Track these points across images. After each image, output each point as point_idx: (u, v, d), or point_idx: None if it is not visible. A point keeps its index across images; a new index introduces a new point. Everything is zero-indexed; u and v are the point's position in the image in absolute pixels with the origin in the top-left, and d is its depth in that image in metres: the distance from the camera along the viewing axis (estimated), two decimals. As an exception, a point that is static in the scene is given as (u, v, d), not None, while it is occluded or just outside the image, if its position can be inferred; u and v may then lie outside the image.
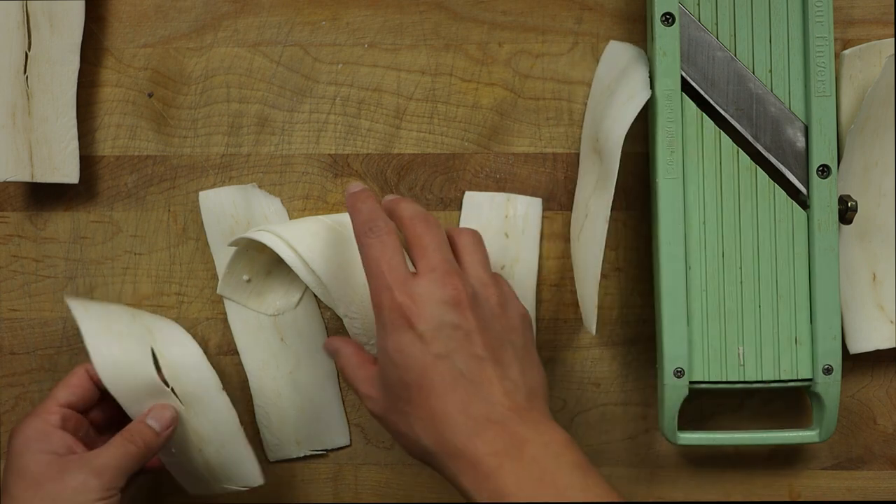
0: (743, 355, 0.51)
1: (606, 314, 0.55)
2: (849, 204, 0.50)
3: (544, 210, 0.55)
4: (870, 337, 0.53)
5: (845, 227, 0.52)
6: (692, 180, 0.51)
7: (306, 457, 0.56)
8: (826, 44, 0.50)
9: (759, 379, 0.51)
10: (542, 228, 0.55)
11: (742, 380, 0.51)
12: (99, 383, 0.49)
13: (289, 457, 0.56)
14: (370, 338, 0.50)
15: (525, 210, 0.54)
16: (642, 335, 0.55)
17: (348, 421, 0.56)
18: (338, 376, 0.56)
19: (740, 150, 0.51)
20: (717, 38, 0.51)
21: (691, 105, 0.51)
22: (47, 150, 0.53)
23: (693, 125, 0.51)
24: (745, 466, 0.55)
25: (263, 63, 0.55)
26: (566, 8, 0.55)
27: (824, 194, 0.50)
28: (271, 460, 0.56)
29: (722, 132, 0.51)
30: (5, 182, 0.55)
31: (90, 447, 0.48)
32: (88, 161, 0.56)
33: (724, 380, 0.51)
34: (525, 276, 0.54)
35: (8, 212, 0.57)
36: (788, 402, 0.55)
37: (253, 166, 0.56)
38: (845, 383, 0.54)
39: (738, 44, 0.51)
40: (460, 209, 0.55)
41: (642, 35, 0.54)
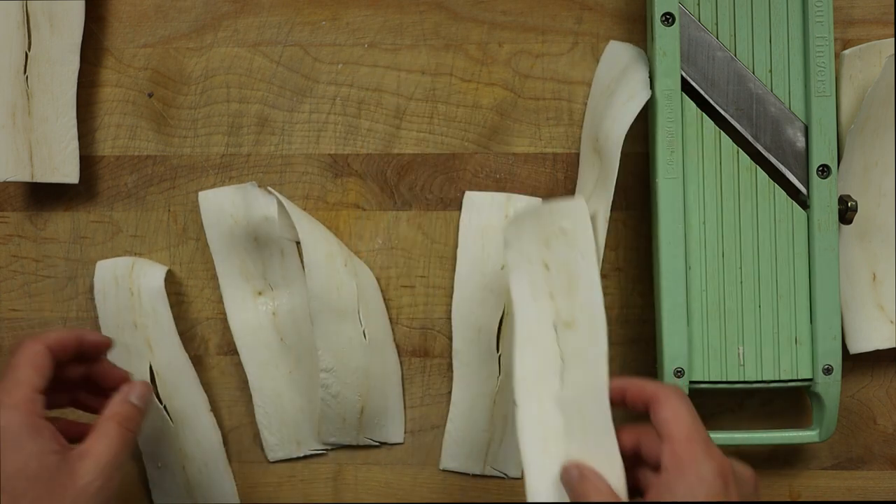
0: (743, 355, 0.51)
1: (606, 314, 0.55)
2: (849, 204, 0.50)
3: (544, 210, 0.55)
4: (870, 337, 0.53)
5: (845, 227, 0.52)
6: (692, 180, 0.51)
7: (306, 457, 0.56)
8: (826, 44, 0.50)
9: (759, 379, 0.51)
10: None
11: (742, 380, 0.51)
12: (55, 355, 0.45)
13: (289, 457, 0.56)
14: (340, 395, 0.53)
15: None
16: (642, 335, 0.55)
17: (348, 421, 0.56)
18: (338, 376, 0.56)
19: (740, 150, 0.51)
20: (717, 38, 0.51)
21: (691, 105, 0.51)
22: (47, 150, 0.53)
23: (693, 125, 0.51)
24: (745, 466, 0.55)
25: (263, 63, 0.55)
26: (566, 8, 0.55)
27: (824, 194, 0.50)
28: (271, 460, 0.56)
29: (722, 132, 0.51)
30: (5, 182, 0.55)
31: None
32: (88, 161, 0.56)
33: (724, 380, 0.51)
34: None
35: (8, 212, 0.57)
36: (788, 402, 0.55)
37: (253, 166, 0.56)
38: (845, 383, 0.54)
39: (738, 44, 0.51)
40: (460, 209, 0.55)
41: (642, 35, 0.54)
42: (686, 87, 0.51)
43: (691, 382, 0.51)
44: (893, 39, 0.53)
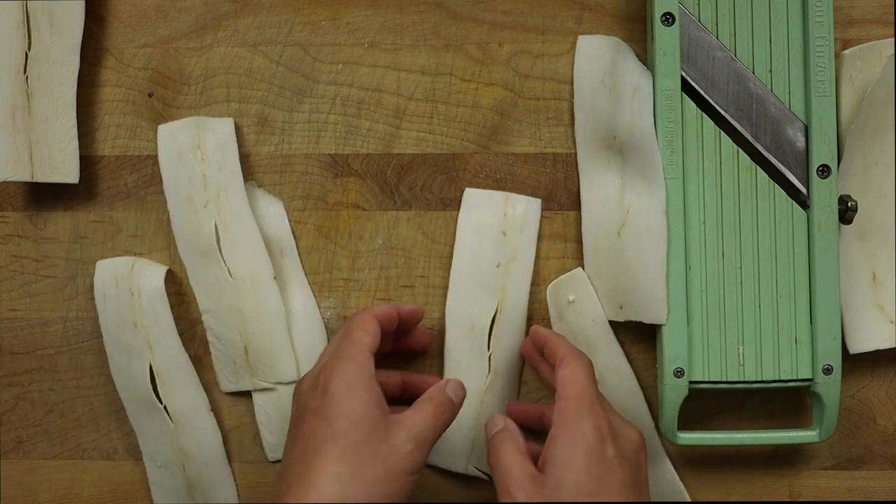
0: (743, 355, 0.51)
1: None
2: (849, 204, 0.50)
3: (544, 210, 0.55)
4: (870, 337, 0.53)
5: (845, 227, 0.52)
6: (692, 180, 0.51)
7: (306, 457, 0.56)
8: (826, 44, 0.50)
9: (759, 379, 0.51)
10: (541, 229, 0.55)
11: (742, 380, 0.51)
12: (381, 324, 0.48)
13: (289, 457, 0.56)
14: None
15: (524, 210, 0.54)
16: (642, 335, 0.55)
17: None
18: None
19: (740, 150, 0.51)
20: (717, 38, 0.51)
21: (691, 105, 0.51)
22: (47, 150, 0.53)
23: (693, 125, 0.51)
24: (745, 466, 0.55)
25: (263, 63, 0.55)
26: (566, 8, 0.55)
27: (824, 194, 0.50)
28: (271, 460, 0.56)
29: (722, 132, 0.51)
30: (5, 182, 0.55)
31: None
32: (88, 161, 0.56)
33: (724, 380, 0.51)
34: (521, 275, 0.54)
35: (8, 212, 0.57)
36: (788, 402, 0.55)
37: (253, 166, 0.56)
38: (845, 383, 0.54)
39: (738, 44, 0.51)
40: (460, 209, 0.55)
41: (642, 35, 0.54)
42: (686, 87, 0.51)
43: (691, 382, 0.51)
44: (893, 39, 0.53)
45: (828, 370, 0.50)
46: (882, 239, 0.53)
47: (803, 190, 0.51)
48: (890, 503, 0.55)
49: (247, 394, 0.56)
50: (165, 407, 0.54)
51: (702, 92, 0.51)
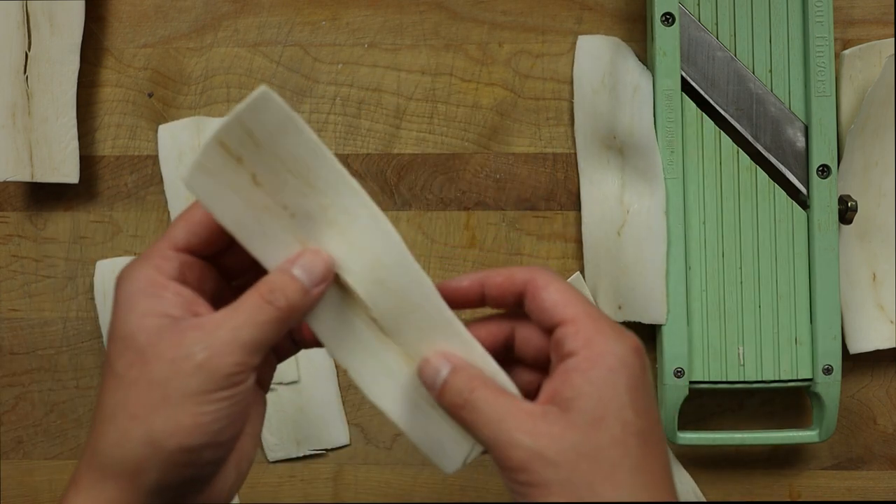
0: (743, 355, 0.51)
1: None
2: (849, 204, 0.50)
3: (543, 210, 0.55)
4: (870, 337, 0.53)
5: (845, 227, 0.52)
6: (692, 180, 0.51)
7: (306, 457, 0.56)
8: (826, 44, 0.50)
9: (759, 379, 0.51)
10: (542, 229, 0.55)
11: (742, 380, 0.51)
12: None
13: (289, 457, 0.56)
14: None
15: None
16: (642, 335, 0.55)
17: (348, 421, 0.56)
18: (337, 376, 0.56)
19: (740, 150, 0.51)
20: (717, 38, 0.51)
21: (691, 105, 0.51)
22: (47, 150, 0.53)
23: (693, 125, 0.51)
24: (745, 466, 0.55)
25: (263, 63, 0.55)
26: (566, 8, 0.55)
27: (824, 194, 0.50)
28: (271, 460, 0.56)
29: (722, 132, 0.51)
30: (5, 182, 0.55)
31: (220, 306, 0.34)
32: (88, 161, 0.56)
33: (724, 380, 0.51)
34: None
35: (8, 212, 0.57)
36: (788, 402, 0.55)
37: (253, 166, 0.56)
38: (845, 383, 0.54)
39: (738, 44, 0.51)
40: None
41: (642, 35, 0.54)
42: (686, 87, 0.51)
43: (691, 382, 0.51)
44: (893, 39, 0.53)
45: (828, 370, 0.50)
46: (882, 239, 0.53)
47: (803, 190, 0.51)
48: (890, 503, 0.55)
49: (247, 394, 0.56)
50: None
51: (702, 92, 0.51)
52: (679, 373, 0.50)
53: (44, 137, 0.53)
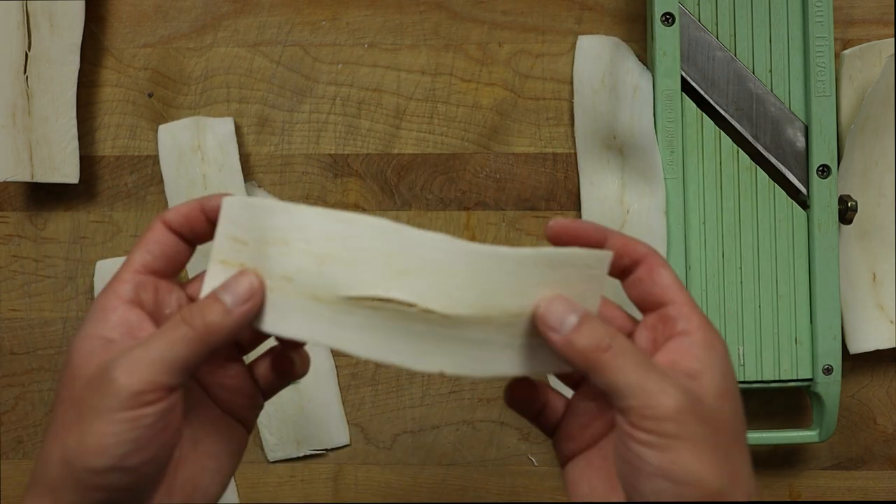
0: (743, 355, 0.51)
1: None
2: (849, 204, 0.50)
3: (543, 210, 0.55)
4: (870, 337, 0.53)
5: (845, 227, 0.52)
6: (692, 180, 0.51)
7: (306, 457, 0.56)
8: (826, 44, 0.50)
9: (759, 379, 0.51)
10: (542, 229, 0.55)
11: (742, 380, 0.51)
12: (192, 230, 0.35)
13: (289, 457, 0.56)
14: None
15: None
16: (642, 335, 0.55)
17: (348, 421, 0.56)
18: (337, 376, 0.56)
19: (740, 150, 0.51)
20: (717, 38, 0.51)
21: (691, 105, 0.51)
22: (47, 150, 0.53)
23: (693, 125, 0.51)
24: (745, 466, 0.55)
25: (263, 63, 0.55)
26: (566, 8, 0.55)
27: (824, 194, 0.50)
28: (271, 460, 0.56)
29: (722, 132, 0.51)
30: (5, 182, 0.55)
31: None
32: (88, 161, 0.56)
33: (724, 380, 0.51)
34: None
35: (8, 212, 0.57)
36: (788, 402, 0.55)
37: (253, 166, 0.56)
38: (845, 383, 0.54)
39: (738, 44, 0.51)
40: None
41: (642, 35, 0.54)
42: (686, 87, 0.51)
43: (691, 382, 0.51)
44: (893, 39, 0.53)
45: (828, 370, 0.50)
46: (882, 239, 0.53)
47: (803, 190, 0.51)
48: (890, 503, 0.55)
49: (247, 394, 0.56)
50: None
51: (702, 92, 0.51)
52: (679, 373, 0.50)
53: (44, 137, 0.53)
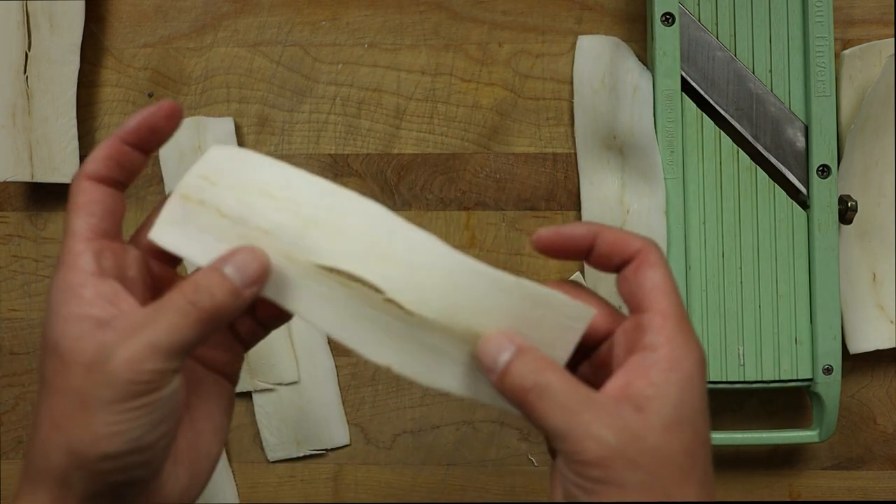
0: (743, 355, 0.51)
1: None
2: (849, 204, 0.50)
3: (543, 210, 0.55)
4: (870, 337, 0.53)
5: (845, 227, 0.52)
6: (692, 180, 0.51)
7: (306, 457, 0.56)
8: (826, 44, 0.50)
9: (759, 379, 0.51)
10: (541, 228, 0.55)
11: (742, 380, 0.51)
12: (120, 167, 0.34)
13: (289, 457, 0.56)
14: None
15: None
16: (642, 335, 0.55)
17: (348, 421, 0.56)
18: (337, 376, 0.56)
19: (740, 150, 0.51)
20: (717, 38, 0.51)
21: (691, 105, 0.51)
22: (47, 150, 0.53)
23: (693, 125, 0.51)
24: (745, 466, 0.55)
25: (263, 63, 0.55)
26: (566, 8, 0.55)
27: (824, 194, 0.50)
28: (271, 460, 0.56)
29: (722, 132, 0.51)
30: (5, 182, 0.55)
31: (159, 283, 0.33)
32: (88, 161, 0.56)
33: (724, 380, 0.51)
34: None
35: (8, 212, 0.57)
36: (788, 402, 0.55)
37: (253, 166, 0.56)
38: (845, 383, 0.54)
39: (738, 44, 0.51)
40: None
41: (642, 35, 0.54)
42: (686, 87, 0.51)
43: (691, 382, 0.51)
44: (893, 39, 0.53)
45: (828, 370, 0.50)
46: (882, 239, 0.53)
47: (803, 190, 0.51)
48: (890, 503, 0.55)
49: (247, 394, 0.56)
50: None
51: (702, 92, 0.51)
52: (679, 373, 0.50)
53: (44, 137, 0.53)
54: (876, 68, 0.52)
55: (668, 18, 0.50)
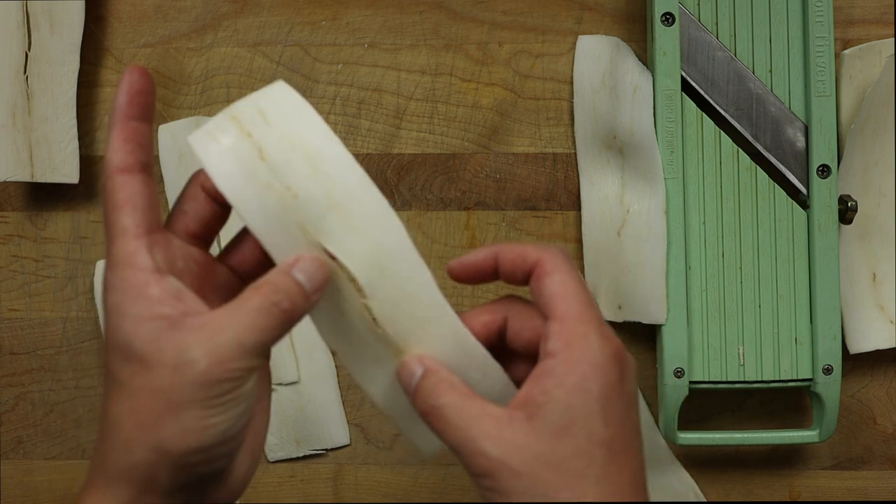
0: (743, 355, 0.51)
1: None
2: (849, 204, 0.50)
3: (543, 210, 0.55)
4: (870, 337, 0.53)
5: (845, 227, 0.52)
6: (692, 180, 0.51)
7: (306, 457, 0.56)
8: (826, 44, 0.50)
9: (759, 379, 0.51)
10: (542, 229, 0.55)
11: (742, 380, 0.51)
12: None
13: (289, 457, 0.56)
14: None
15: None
16: (642, 335, 0.55)
17: (348, 421, 0.56)
18: (337, 376, 0.56)
19: (740, 150, 0.51)
20: (717, 38, 0.51)
21: (691, 105, 0.51)
22: (47, 150, 0.53)
23: (693, 125, 0.51)
24: (745, 466, 0.55)
25: (263, 63, 0.55)
26: (566, 8, 0.55)
27: (824, 194, 0.50)
28: (271, 460, 0.56)
29: (722, 132, 0.51)
30: (5, 182, 0.55)
31: (211, 285, 0.35)
32: (88, 161, 0.56)
33: (724, 380, 0.51)
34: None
35: (8, 212, 0.57)
36: (788, 402, 0.55)
37: (253, 166, 0.56)
38: (845, 383, 0.54)
39: (738, 44, 0.51)
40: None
41: (642, 35, 0.54)
42: (686, 87, 0.51)
43: (691, 382, 0.51)
44: (893, 39, 0.53)
45: (828, 370, 0.50)
46: (882, 239, 0.53)
47: (803, 190, 0.51)
48: (890, 503, 0.55)
49: (247, 394, 0.56)
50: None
51: (702, 92, 0.51)
52: (679, 373, 0.50)
53: (44, 137, 0.53)
54: (876, 68, 0.52)
55: (668, 18, 0.50)
